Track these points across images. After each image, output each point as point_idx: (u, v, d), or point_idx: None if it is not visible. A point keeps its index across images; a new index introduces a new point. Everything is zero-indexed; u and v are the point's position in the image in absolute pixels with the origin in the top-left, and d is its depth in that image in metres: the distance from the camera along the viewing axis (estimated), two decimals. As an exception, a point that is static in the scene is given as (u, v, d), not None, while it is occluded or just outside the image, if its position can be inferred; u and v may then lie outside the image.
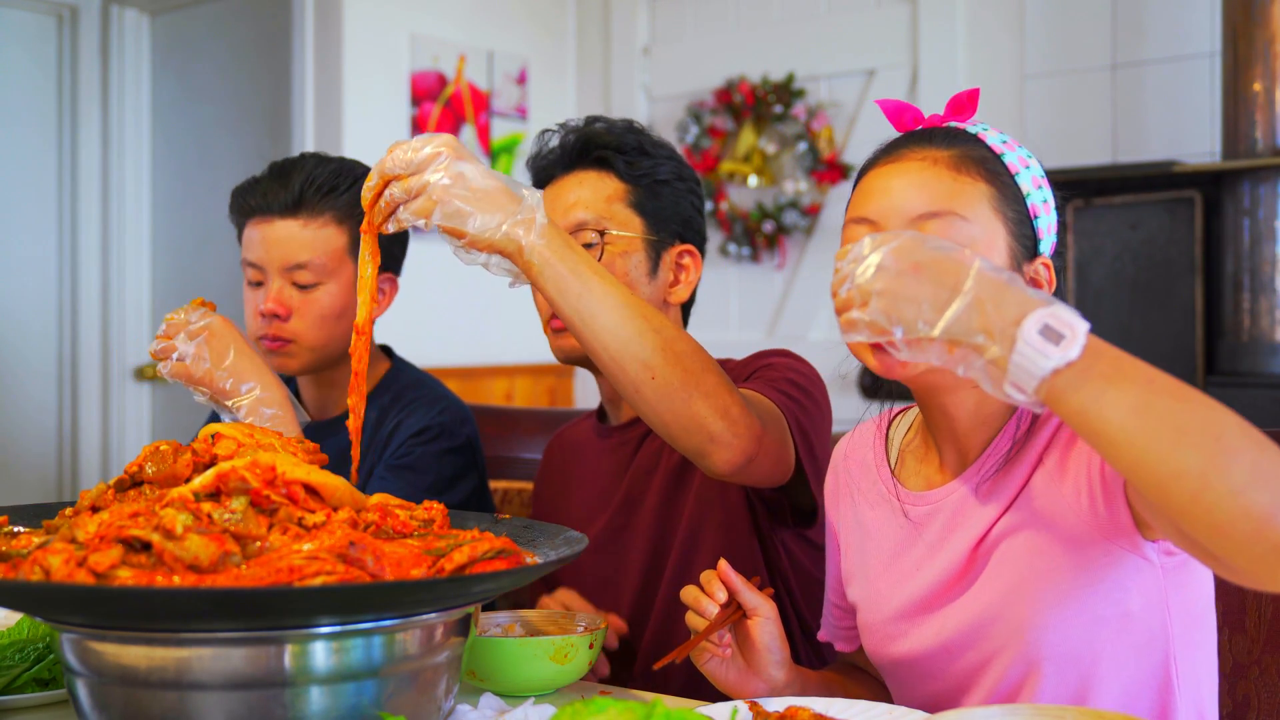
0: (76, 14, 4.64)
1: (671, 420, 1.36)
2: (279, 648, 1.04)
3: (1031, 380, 0.97)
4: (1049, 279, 1.25)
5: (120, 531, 1.05)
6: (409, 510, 1.23)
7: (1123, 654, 1.20)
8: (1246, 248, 3.37)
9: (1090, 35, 3.76)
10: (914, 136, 1.28)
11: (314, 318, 1.91)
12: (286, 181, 1.90)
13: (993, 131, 1.29)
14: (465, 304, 4.34)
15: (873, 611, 1.36)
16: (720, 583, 1.33)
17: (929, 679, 1.30)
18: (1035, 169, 1.27)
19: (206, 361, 1.65)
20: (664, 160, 1.76)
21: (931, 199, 1.22)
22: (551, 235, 1.31)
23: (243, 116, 4.45)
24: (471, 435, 2.02)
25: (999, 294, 0.99)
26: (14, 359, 4.54)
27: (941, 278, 1.01)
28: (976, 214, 1.22)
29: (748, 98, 4.30)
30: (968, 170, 1.23)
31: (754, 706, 1.22)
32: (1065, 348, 0.96)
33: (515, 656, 1.34)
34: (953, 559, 1.28)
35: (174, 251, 4.69)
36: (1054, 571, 1.20)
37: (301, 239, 1.89)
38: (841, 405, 1.86)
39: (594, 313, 1.33)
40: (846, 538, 1.44)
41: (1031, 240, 1.25)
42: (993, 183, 1.23)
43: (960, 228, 1.21)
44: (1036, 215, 1.25)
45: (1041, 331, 0.97)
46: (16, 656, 1.35)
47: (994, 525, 1.25)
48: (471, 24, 4.42)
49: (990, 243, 1.22)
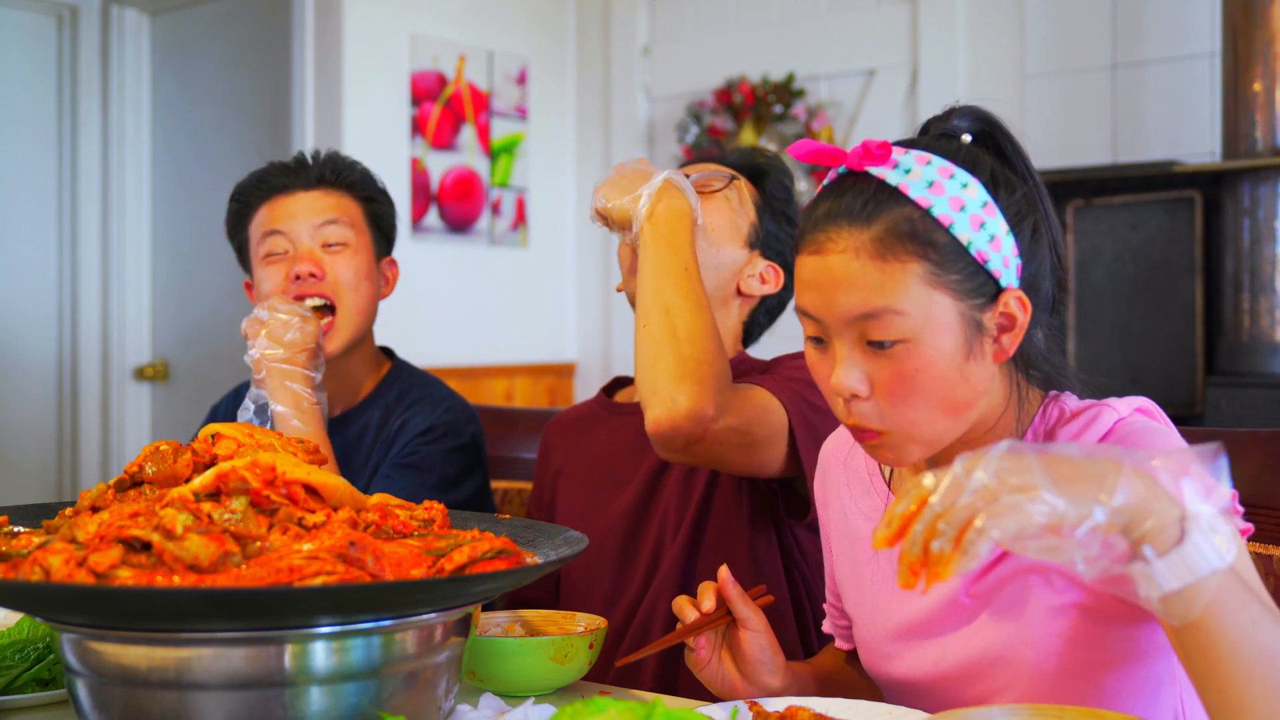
0: (76, 14, 4.64)
1: (637, 366, 1.55)
2: (279, 648, 1.04)
3: (1187, 577, 0.96)
4: (1023, 307, 1.18)
5: (120, 531, 1.05)
6: (409, 510, 1.23)
7: (1130, 695, 1.19)
8: (1246, 248, 3.37)
9: (1090, 35, 3.76)
10: (834, 207, 1.19)
11: (351, 277, 1.96)
12: (301, 166, 2.01)
13: (917, 169, 1.17)
14: (465, 304, 4.34)
15: (867, 628, 1.34)
16: (713, 593, 1.32)
17: (925, 700, 1.29)
18: (974, 202, 1.16)
19: (278, 337, 1.77)
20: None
21: (863, 299, 1.15)
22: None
23: (243, 116, 4.45)
24: (476, 434, 2.02)
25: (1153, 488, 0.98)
26: (14, 359, 4.53)
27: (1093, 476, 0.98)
28: (911, 301, 1.14)
29: (748, 98, 4.30)
30: (893, 253, 1.15)
31: (754, 706, 1.22)
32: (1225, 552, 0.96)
33: (515, 656, 1.34)
34: (950, 588, 1.24)
35: (174, 251, 4.69)
36: (1062, 615, 1.18)
37: (327, 202, 1.98)
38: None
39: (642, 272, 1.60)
40: (837, 545, 1.42)
41: (989, 284, 1.17)
42: (925, 256, 1.15)
43: (896, 323, 1.15)
44: (986, 259, 1.16)
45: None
46: (16, 656, 1.35)
47: (1000, 561, 1.21)
48: (471, 24, 4.42)
49: (934, 324, 1.15)
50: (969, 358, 1.17)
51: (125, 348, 4.71)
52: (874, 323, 1.15)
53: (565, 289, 4.74)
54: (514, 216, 4.54)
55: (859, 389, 1.17)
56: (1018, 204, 1.19)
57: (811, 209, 1.21)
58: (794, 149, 1.23)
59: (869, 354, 1.17)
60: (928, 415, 1.18)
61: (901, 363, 1.16)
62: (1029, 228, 1.20)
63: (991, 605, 1.22)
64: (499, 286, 4.47)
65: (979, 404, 1.20)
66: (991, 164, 1.20)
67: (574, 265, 4.77)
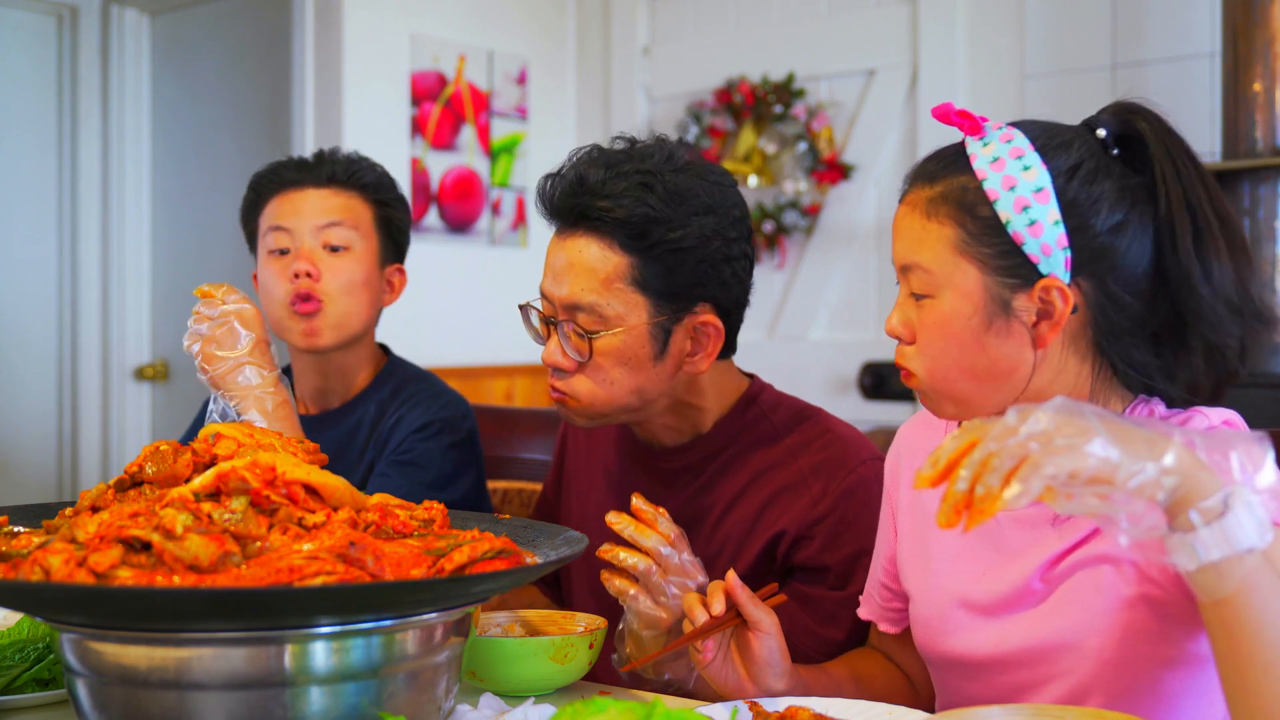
0: (76, 14, 4.64)
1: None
2: (279, 648, 1.04)
3: (1226, 549, 0.97)
4: (1064, 299, 1.19)
5: (120, 531, 1.05)
6: (409, 510, 1.23)
7: (1182, 693, 1.20)
8: (1246, 248, 3.37)
9: (1090, 35, 3.76)
10: (922, 167, 1.28)
11: (344, 281, 1.95)
12: (317, 163, 2.00)
13: (995, 144, 1.22)
14: (465, 304, 4.34)
15: (927, 603, 1.35)
16: (722, 594, 1.32)
17: (975, 682, 1.29)
18: (1027, 185, 1.19)
19: (217, 345, 1.65)
20: (687, 218, 1.53)
21: (906, 250, 1.27)
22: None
23: (243, 116, 4.45)
24: (472, 429, 2.02)
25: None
26: (14, 359, 4.53)
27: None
28: (938, 262, 1.23)
29: (748, 98, 4.30)
30: (936, 215, 1.23)
31: (754, 706, 1.22)
32: (1263, 532, 0.98)
33: (515, 656, 1.34)
34: (1024, 571, 1.26)
35: (174, 251, 4.69)
36: (1130, 608, 1.19)
37: (334, 202, 1.97)
38: (842, 405, 1.86)
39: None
40: (904, 521, 1.42)
41: (1026, 267, 1.20)
42: (962, 224, 1.21)
43: (924, 278, 1.24)
44: (1022, 242, 1.19)
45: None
46: (16, 656, 1.35)
47: (1076, 547, 1.23)
48: (471, 24, 4.42)
49: (954, 288, 1.22)
50: (988, 330, 1.22)
51: (125, 348, 4.71)
52: (912, 274, 1.26)
53: (565, 289, 4.74)
54: (514, 216, 4.54)
55: (900, 331, 1.28)
56: (1097, 197, 1.19)
57: (906, 178, 1.32)
58: (937, 110, 1.28)
59: (912, 303, 1.27)
60: (946, 372, 1.25)
61: (926, 315, 1.25)
62: (1113, 221, 1.19)
63: (1062, 591, 1.24)
64: (499, 286, 4.47)
65: (1011, 380, 1.23)
66: (1084, 158, 1.21)
67: (574, 265, 4.77)
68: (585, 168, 1.55)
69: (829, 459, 1.59)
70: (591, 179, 1.53)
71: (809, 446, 1.61)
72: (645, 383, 1.56)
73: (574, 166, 1.56)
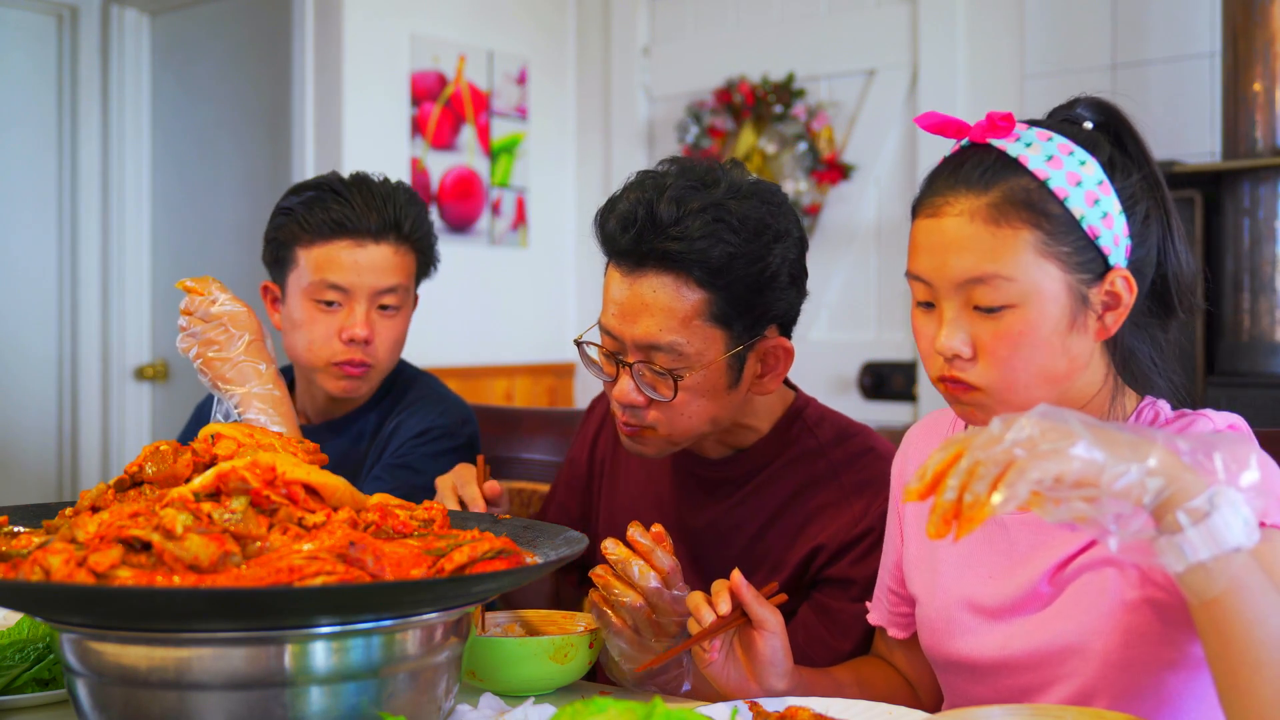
0: (76, 14, 4.64)
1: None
2: (279, 648, 1.04)
3: (1214, 549, 0.98)
4: (1129, 287, 1.21)
5: (120, 531, 1.05)
6: (409, 510, 1.23)
7: (1185, 694, 1.20)
8: (1246, 248, 3.36)
9: (1090, 35, 3.76)
10: (953, 175, 1.22)
11: (392, 341, 1.93)
12: (374, 203, 1.88)
13: (1038, 144, 1.22)
14: (465, 304, 4.34)
15: (934, 606, 1.35)
16: (727, 594, 1.32)
17: (981, 685, 1.30)
18: (1090, 179, 1.20)
19: (214, 348, 1.65)
20: (763, 249, 1.50)
21: (975, 262, 1.19)
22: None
23: (243, 116, 4.45)
24: (473, 434, 2.02)
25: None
26: (14, 359, 4.53)
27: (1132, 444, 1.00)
28: (1021, 268, 1.18)
29: (748, 98, 4.30)
30: (1008, 219, 1.18)
31: (754, 706, 1.22)
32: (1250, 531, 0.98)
33: (515, 656, 1.34)
34: (1032, 575, 1.26)
35: (174, 251, 4.69)
36: (1135, 610, 1.20)
37: (393, 263, 1.90)
38: (842, 406, 1.85)
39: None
40: (911, 523, 1.42)
41: (1098, 261, 1.20)
42: (1038, 225, 1.18)
43: (1005, 288, 1.18)
44: (1097, 235, 1.19)
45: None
46: (16, 656, 1.35)
47: (1083, 551, 1.24)
48: (471, 24, 4.42)
49: (1040, 293, 1.19)
50: (1072, 328, 1.21)
51: (125, 348, 4.71)
52: (982, 287, 1.19)
53: (565, 289, 4.74)
54: (514, 216, 4.54)
55: (962, 350, 1.21)
56: (1132, 188, 1.22)
57: (932, 177, 1.26)
58: (921, 119, 1.26)
59: (975, 317, 1.20)
60: (1025, 381, 1.20)
61: (1007, 327, 1.19)
62: (1141, 212, 1.23)
63: (1068, 594, 1.24)
64: (499, 286, 4.47)
65: (1076, 378, 1.23)
66: (1110, 149, 1.24)
67: (574, 265, 4.77)
68: (652, 205, 1.48)
69: (872, 478, 1.60)
70: (663, 217, 1.47)
71: (853, 464, 1.62)
72: (719, 410, 1.56)
73: (638, 204, 1.49)
